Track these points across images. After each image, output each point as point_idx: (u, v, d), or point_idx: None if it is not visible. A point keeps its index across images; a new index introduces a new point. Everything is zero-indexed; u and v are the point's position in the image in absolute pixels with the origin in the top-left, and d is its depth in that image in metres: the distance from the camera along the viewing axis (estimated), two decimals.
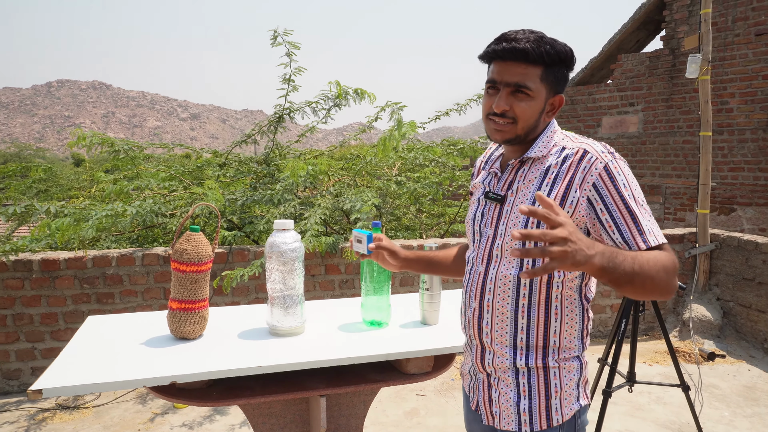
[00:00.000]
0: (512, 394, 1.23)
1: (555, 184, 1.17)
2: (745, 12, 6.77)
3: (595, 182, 1.13)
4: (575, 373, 1.24)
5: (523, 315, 1.20)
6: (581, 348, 1.25)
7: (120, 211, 3.20)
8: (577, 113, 8.54)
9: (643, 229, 1.10)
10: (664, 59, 7.56)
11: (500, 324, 1.23)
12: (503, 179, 1.27)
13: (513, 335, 1.22)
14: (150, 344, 1.69)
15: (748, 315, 4.10)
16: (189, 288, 1.72)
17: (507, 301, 1.21)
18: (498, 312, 1.23)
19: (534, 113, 1.19)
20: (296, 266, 1.77)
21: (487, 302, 1.25)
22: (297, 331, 1.80)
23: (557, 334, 1.21)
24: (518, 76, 1.16)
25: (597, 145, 1.18)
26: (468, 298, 1.31)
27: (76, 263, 3.22)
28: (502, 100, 1.18)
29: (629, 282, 1.01)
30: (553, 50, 1.16)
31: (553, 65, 1.17)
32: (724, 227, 7.00)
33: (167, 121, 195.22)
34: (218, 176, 4.27)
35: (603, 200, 1.12)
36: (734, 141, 6.98)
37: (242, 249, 3.48)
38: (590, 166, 1.13)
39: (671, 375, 3.62)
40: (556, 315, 1.20)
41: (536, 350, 1.21)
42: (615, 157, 1.15)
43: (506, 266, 1.21)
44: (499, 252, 1.23)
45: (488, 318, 1.25)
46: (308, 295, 3.56)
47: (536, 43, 1.14)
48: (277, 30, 3.86)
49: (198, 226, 1.75)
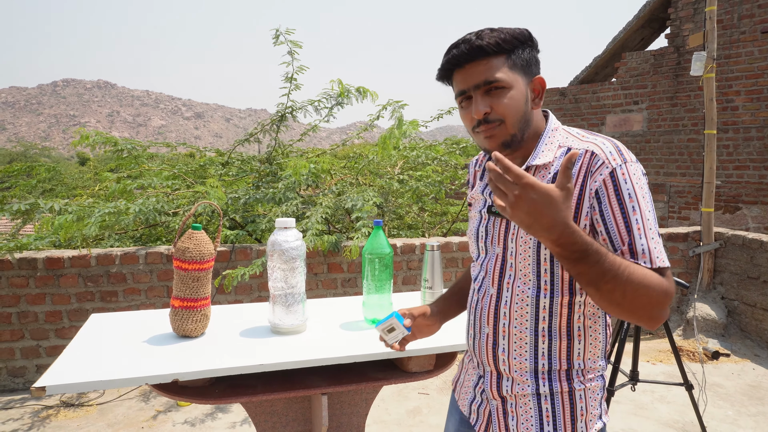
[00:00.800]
0: (534, 421, 1.11)
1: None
2: (751, 9, 6.73)
3: (597, 189, 1.00)
4: (599, 392, 1.14)
5: (543, 340, 1.09)
6: (605, 366, 1.16)
7: (123, 208, 3.21)
8: (581, 112, 8.52)
9: (636, 250, 0.97)
10: (669, 57, 7.52)
11: (518, 351, 1.12)
12: None
13: (533, 362, 1.11)
14: (152, 342, 1.70)
15: (752, 314, 4.08)
16: (191, 286, 1.72)
17: (525, 326, 1.10)
18: (516, 338, 1.11)
19: (519, 105, 1.06)
20: (298, 264, 1.77)
21: (503, 327, 1.13)
22: (299, 329, 1.80)
23: (581, 356, 1.11)
24: (484, 72, 1.05)
25: (607, 145, 1.03)
26: (478, 321, 1.18)
27: (80, 261, 3.24)
28: (479, 104, 1.06)
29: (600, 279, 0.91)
30: (506, 35, 1.06)
31: (515, 49, 1.06)
32: (728, 226, 6.97)
33: (171, 120, 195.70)
34: (221, 175, 4.28)
35: (601, 210, 1.00)
36: (739, 139, 6.94)
37: (245, 248, 3.49)
38: (595, 170, 1.00)
39: (675, 374, 3.61)
40: (579, 336, 1.09)
41: (559, 374, 1.10)
42: (626, 161, 1.01)
43: (521, 287, 1.09)
44: (513, 272, 1.11)
45: (504, 345, 1.13)
46: (311, 294, 3.57)
47: (487, 36, 1.05)
48: (278, 29, 3.87)
49: (200, 225, 1.75)
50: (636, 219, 0.98)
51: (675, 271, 4.45)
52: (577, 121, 8.51)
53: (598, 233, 1.01)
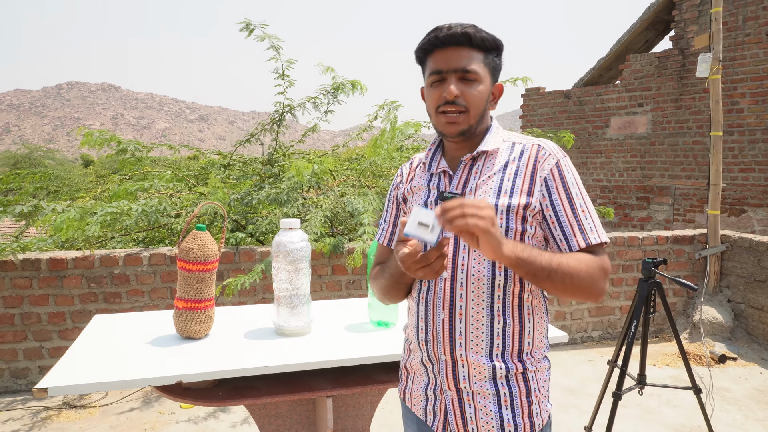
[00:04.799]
0: (492, 407, 1.15)
1: (516, 178, 1.15)
2: (756, 11, 6.69)
3: (546, 177, 1.14)
4: (546, 373, 1.21)
5: (498, 318, 1.14)
6: (547, 344, 1.24)
7: (125, 209, 3.20)
8: (585, 114, 8.49)
9: (584, 227, 1.12)
10: (674, 59, 7.49)
11: (476, 332, 1.14)
12: (456, 178, 1.19)
13: (489, 342, 1.14)
14: (156, 343, 1.68)
15: (760, 317, 4.05)
16: (195, 287, 1.71)
17: (482, 306, 1.13)
18: (473, 319, 1.14)
19: (483, 100, 1.16)
20: (303, 266, 1.75)
21: (460, 310, 1.14)
22: (303, 331, 1.78)
23: (531, 335, 1.17)
24: (465, 59, 1.13)
25: (548, 143, 1.20)
26: (431, 309, 1.18)
27: (83, 263, 3.23)
28: (452, 85, 1.13)
29: (547, 277, 1.04)
30: (489, 36, 1.15)
31: (491, 51, 1.17)
32: (734, 228, 6.93)
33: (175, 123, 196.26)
34: (222, 177, 4.27)
35: (550, 197, 1.13)
36: (745, 141, 6.90)
37: (249, 249, 3.48)
38: (543, 161, 1.15)
39: (682, 377, 3.58)
40: (529, 315, 1.16)
41: (512, 356, 1.15)
42: (565, 156, 1.18)
43: (476, 267, 1.13)
44: (466, 253, 1.14)
45: (461, 327, 1.14)
46: (315, 296, 3.55)
47: (474, 29, 1.13)
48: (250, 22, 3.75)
49: (204, 225, 1.74)
50: (579, 203, 1.14)
51: (681, 274, 4.42)
52: (581, 123, 8.48)
53: (547, 218, 1.14)
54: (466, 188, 1.17)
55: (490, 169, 1.17)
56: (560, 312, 4.16)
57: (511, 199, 1.12)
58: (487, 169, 1.17)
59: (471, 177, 1.18)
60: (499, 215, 1.12)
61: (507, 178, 1.14)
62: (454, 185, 1.19)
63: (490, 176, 1.16)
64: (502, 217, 1.12)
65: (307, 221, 3.41)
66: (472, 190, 1.16)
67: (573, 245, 1.12)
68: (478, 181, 1.17)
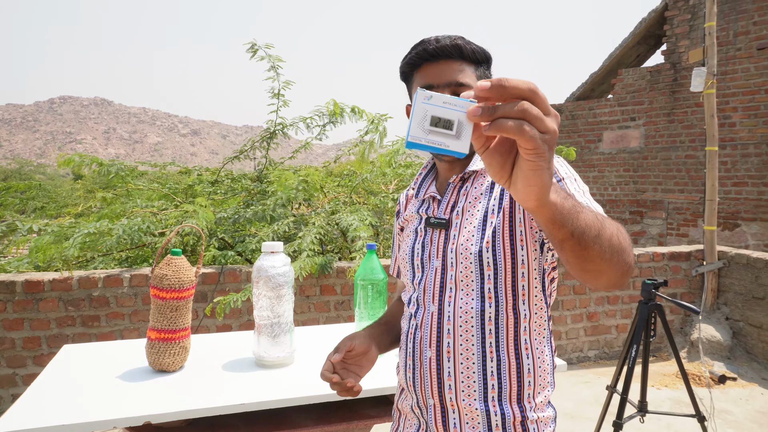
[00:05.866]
0: None
1: (503, 197, 1.03)
2: (747, 26, 6.72)
3: None
4: (551, 425, 1.07)
5: (491, 356, 1.01)
6: (553, 384, 1.08)
7: (105, 229, 3.08)
8: (577, 128, 8.47)
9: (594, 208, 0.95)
10: (665, 73, 7.50)
11: (466, 372, 1.02)
12: (444, 202, 1.10)
13: (482, 384, 1.02)
14: (126, 378, 1.56)
15: (759, 335, 3.96)
16: (169, 316, 1.59)
17: (472, 342, 1.02)
18: (462, 357, 1.02)
19: None
20: (285, 292, 1.65)
21: (447, 347, 1.03)
22: (285, 361, 1.67)
23: (532, 374, 1.03)
24: (456, 72, 1.05)
25: None
26: (418, 347, 1.07)
27: (61, 285, 3.09)
28: None
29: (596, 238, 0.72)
30: (479, 48, 1.07)
31: (481, 64, 1.09)
32: (728, 243, 6.88)
33: (168, 137, 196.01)
34: (209, 194, 4.16)
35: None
36: (737, 155, 6.88)
37: (234, 269, 3.36)
38: None
39: (682, 399, 3.47)
40: (527, 350, 1.03)
41: (510, 400, 1.02)
42: (556, 157, 1.06)
43: (464, 299, 1.02)
44: (453, 285, 1.04)
45: (450, 368, 1.03)
46: (303, 317, 3.43)
47: (464, 41, 1.06)
48: (255, 43, 3.76)
49: (179, 250, 1.63)
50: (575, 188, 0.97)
51: (678, 291, 4.34)
52: (573, 138, 8.45)
53: None
54: (454, 212, 1.08)
55: (477, 189, 1.07)
56: (555, 331, 4.05)
57: (497, 217, 1.02)
58: (474, 189, 1.07)
59: (459, 200, 1.08)
60: (485, 240, 1.01)
61: (493, 197, 1.04)
62: (442, 210, 1.10)
63: (476, 197, 1.06)
64: (489, 241, 1.01)
65: (300, 238, 3.31)
66: (459, 214, 1.07)
67: None
68: (465, 203, 1.07)
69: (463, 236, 1.04)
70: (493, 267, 1.01)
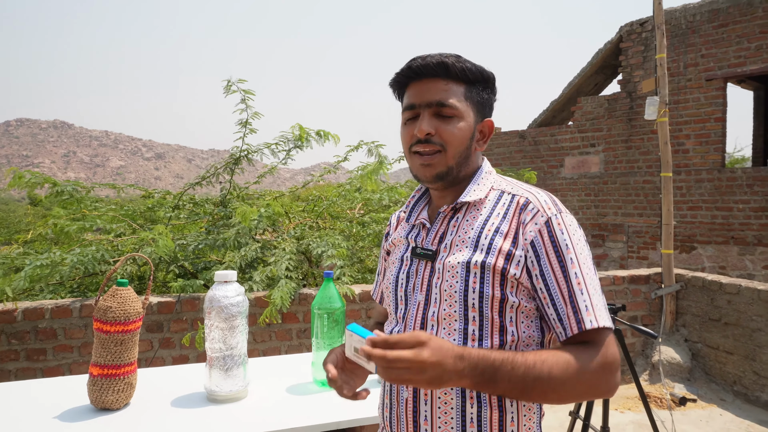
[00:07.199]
0: None
1: (496, 237, 0.96)
2: (695, 58, 7.05)
3: (533, 240, 0.94)
4: None
5: (471, 402, 0.95)
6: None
7: (57, 260, 2.94)
8: (540, 153, 8.66)
9: (579, 306, 0.90)
10: (622, 102, 7.78)
11: (444, 419, 0.96)
12: (433, 231, 1.05)
13: (461, 431, 0.96)
14: (64, 418, 1.46)
15: (716, 357, 4.05)
16: (113, 351, 1.51)
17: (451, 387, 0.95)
18: (440, 402, 0.96)
19: (464, 138, 1.01)
20: (239, 323, 1.58)
21: (425, 391, 0.98)
22: (238, 396, 1.60)
23: (515, 423, 0.96)
24: (440, 92, 0.99)
25: (541, 195, 1.00)
26: (395, 386, 1.01)
27: (4, 317, 2.92)
28: (424, 122, 0.99)
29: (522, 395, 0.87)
30: (473, 66, 1.02)
31: (476, 83, 1.02)
32: (685, 265, 7.08)
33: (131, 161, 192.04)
34: (170, 218, 4.05)
35: (539, 264, 0.93)
36: (691, 181, 7.15)
37: (193, 298, 3.25)
38: (530, 219, 0.96)
39: (644, 422, 3.49)
40: (512, 399, 0.97)
41: None
42: (560, 211, 0.98)
43: (446, 339, 0.96)
44: (435, 322, 0.98)
45: (427, 411, 0.97)
46: (264, 346, 3.33)
47: (455, 58, 1.00)
48: (230, 80, 3.80)
49: (126, 280, 1.55)
50: (575, 273, 0.92)
51: (638, 314, 4.41)
52: (536, 163, 8.64)
53: (539, 292, 0.95)
54: (442, 244, 1.02)
55: (469, 223, 1.01)
56: None
57: (487, 257, 0.95)
58: (466, 222, 1.01)
59: (449, 231, 1.03)
60: (472, 278, 0.95)
61: (485, 236, 0.97)
62: (430, 239, 1.05)
63: (467, 231, 1.00)
64: (476, 280, 0.95)
65: (271, 264, 3.24)
66: (447, 247, 1.01)
67: (567, 330, 0.91)
68: (454, 236, 1.01)
69: (448, 272, 0.98)
70: (479, 305, 0.95)
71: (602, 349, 0.90)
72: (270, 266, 3.23)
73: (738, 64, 6.71)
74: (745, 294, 3.80)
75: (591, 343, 0.91)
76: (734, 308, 3.87)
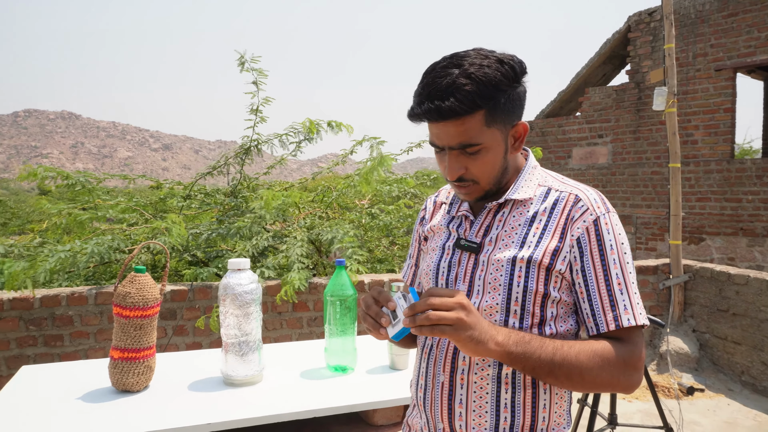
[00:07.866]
0: None
1: (544, 235, 0.98)
2: (704, 48, 7.00)
3: (580, 237, 0.96)
4: None
5: (506, 389, 0.98)
6: (569, 422, 1.05)
7: (78, 250, 3.01)
8: (548, 144, 8.64)
9: (617, 304, 0.94)
10: (630, 92, 7.73)
11: (479, 402, 0.98)
12: (477, 224, 1.05)
13: (495, 417, 0.98)
14: (88, 399, 1.51)
15: (724, 347, 4.06)
16: (133, 335, 1.55)
17: (487, 372, 0.98)
18: (476, 386, 0.99)
19: (496, 163, 1.00)
20: (253, 310, 1.62)
21: (461, 375, 0.99)
22: (254, 380, 1.64)
23: (547, 409, 0.99)
24: (458, 136, 0.94)
25: (591, 192, 1.00)
26: (432, 368, 1.04)
27: (21, 304, 2.99)
28: (453, 166, 0.98)
29: (549, 373, 0.91)
30: (486, 84, 0.91)
31: (495, 98, 0.93)
32: (694, 256, 7.07)
33: (138, 152, 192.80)
34: (182, 208, 4.09)
35: (582, 261, 0.96)
36: (700, 172, 7.12)
37: (204, 286, 3.30)
38: (579, 216, 0.97)
39: (651, 411, 3.53)
40: (545, 385, 0.99)
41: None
42: (609, 211, 0.98)
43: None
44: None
45: (462, 395, 0.99)
46: (275, 333, 3.38)
47: (463, 92, 0.90)
48: (243, 55, 3.74)
49: (143, 267, 1.60)
50: (616, 273, 0.96)
51: (646, 305, 4.43)
52: (545, 154, 8.62)
53: (576, 287, 0.98)
54: (487, 237, 1.03)
55: (516, 219, 1.01)
56: None
57: (535, 252, 0.97)
58: (513, 218, 1.02)
59: (494, 225, 1.03)
60: (518, 272, 0.97)
61: (533, 234, 0.98)
62: (474, 232, 1.04)
63: (514, 227, 1.01)
64: (521, 274, 0.96)
65: (283, 252, 3.28)
66: (493, 241, 1.01)
67: (601, 325, 0.95)
68: (500, 231, 1.02)
69: (492, 265, 0.99)
70: (521, 302, 0.97)
71: (631, 347, 0.95)
72: (282, 253, 3.27)
73: (748, 53, 6.66)
74: (753, 285, 3.80)
75: (622, 339, 0.95)
76: (743, 299, 3.88)
